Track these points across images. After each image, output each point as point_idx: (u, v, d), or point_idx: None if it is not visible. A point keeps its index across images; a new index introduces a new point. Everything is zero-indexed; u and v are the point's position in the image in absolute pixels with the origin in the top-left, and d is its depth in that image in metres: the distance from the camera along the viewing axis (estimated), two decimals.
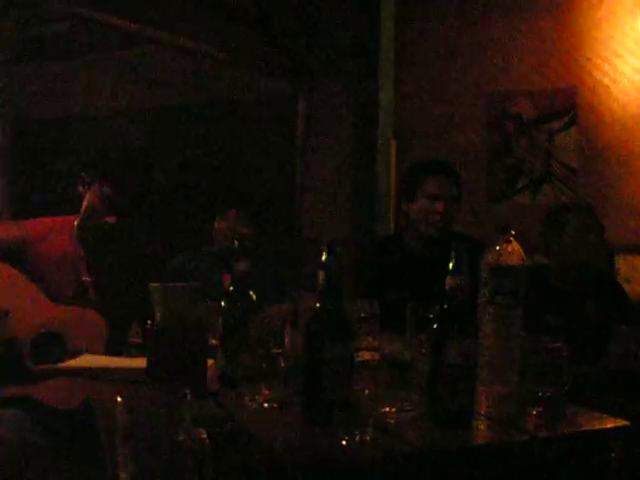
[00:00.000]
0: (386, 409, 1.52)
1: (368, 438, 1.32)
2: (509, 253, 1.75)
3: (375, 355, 1.85)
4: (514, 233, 1.78)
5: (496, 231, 1.78)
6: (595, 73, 4.65)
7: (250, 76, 5.68)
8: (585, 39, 4.69)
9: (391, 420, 1.48)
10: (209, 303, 1.95)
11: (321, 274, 1.45)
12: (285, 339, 1.75)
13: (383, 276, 2.81)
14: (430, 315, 1.58)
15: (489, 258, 1.76)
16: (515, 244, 1.77)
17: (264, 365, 1.59)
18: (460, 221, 2.98)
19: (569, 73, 4.73)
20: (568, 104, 4.70)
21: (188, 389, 1.10)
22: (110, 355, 2.12)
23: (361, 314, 1.93)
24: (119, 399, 1.07)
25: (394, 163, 4.73)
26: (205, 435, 1.03)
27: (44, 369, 1.99)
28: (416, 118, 5.18)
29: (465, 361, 1.46)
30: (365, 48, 4.75)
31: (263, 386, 1.58)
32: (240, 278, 1.80)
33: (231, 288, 1.79)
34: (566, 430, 1.52)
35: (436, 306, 1.53)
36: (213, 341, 1.83)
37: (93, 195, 2.33)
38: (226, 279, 2.79)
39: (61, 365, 1.96)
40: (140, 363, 1.71)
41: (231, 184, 5.67)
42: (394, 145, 4.91)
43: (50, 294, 2.23)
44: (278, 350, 1.68)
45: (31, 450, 1.91)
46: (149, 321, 1.66)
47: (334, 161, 5.42)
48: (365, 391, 1.56)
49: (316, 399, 1.43)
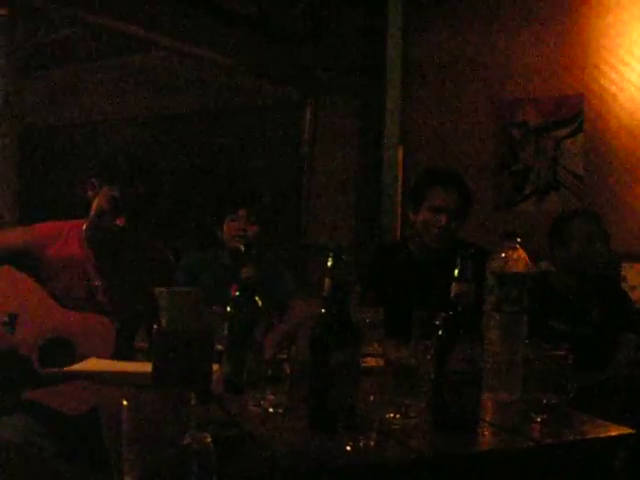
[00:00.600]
0: (391, 415, 1.52)
1: (373, 444, 1.33)
2: (515, 260, 1.76)
3: (380, 361, 1.85)
4: (519, 240, 1.78)
5: (501, 238, 1.78)
6: (602, 81, 4.65)
7: (257, 83, 5.70)
8: (592, 47, 4.70)
9: (396, 426, 1.49)
10: (215, 308, 1.96)
11: (327, 280, 1.46)
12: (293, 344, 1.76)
13: (388, 282, 2.81)
14: (436, 322, 1.58)
15: (495, 265, 1.76)
16: (521, 251, 1.78)
17: (269, 370, 1.59)
18: (467, 228, 2.98)
19: (576, 80, 4.74)
20: (575, 111, 4.70)
21: (193, 394, 1.11)
22: (118, 360, 2.12)
23: (366, 320, 1.94)
24: (124, 403, 1.08)
25: (400, 170, 4.74)
26: (210, 439, 1.03)
27: (51, 373, 2.00)
28: (422, 125, 5.19)
29: (470, 368, 1.46)
30: (372, 56, 4.75)
31: (268, 391, 1.58)
32: (246, 284, 1.81)
33: (237, 293, 1.80)
34: (570, 437, 1.52)
35: (441, 313, 1.53)
36: (218, 346, 1.83)
37: (102, 198, 2.34)
38: (234, 289, 2.80)
39: (67, 369, 1.97)
40: (146, 368, 1.72)
41: (239, 186, 5.68)
42: (400, 152, 4.91)
43: (59, 298, 2.24)
44: (283, 356, 1.68)
45: (37, 455, 1.91)
46: (155, 326, 1.67)
47: (340, 168, 5.43)
48: (370, 397, 1.56)
49: (321, 405, 1.44)
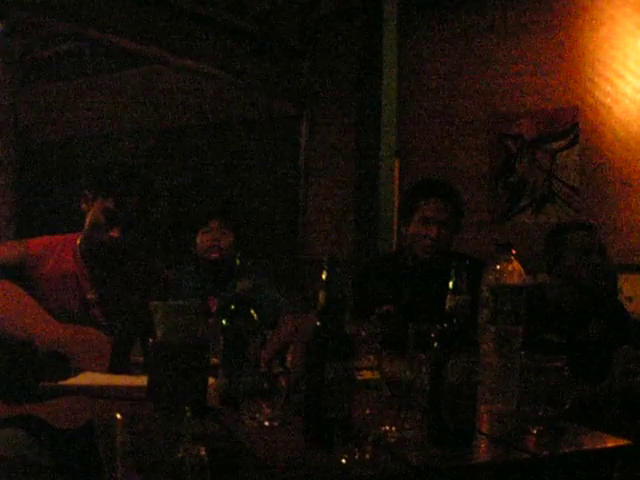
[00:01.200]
0: (386, 428, 1.52)
1: (368, 456, 1.32)
2: (510, 272, 1.76)
3: (376, 374, 1.85)
4: (514, 252, 1.78)
5: (496, 250, 1.79)
6: (597, 93, 4.68)
7: (253, 97, 5.73)
8: (587, 60, 4.73)
9: (391, 439, 1.48)
10: (211, 321, 1.95)
11: (321, 293, 1.46)
12: (287, 358, 1.75)
13: (381, 294, 2.81)
14: (431, 334, 1.58)
15: (490, 277, 1.76)
16: (515, 263, 1.78)
17: (265, 384, 1.59)
18: (462, 240, 2.98)
19: (571, 93, 4.76)
20: (570, 124, 4.72)
21: (188, 407, 1.11)
22: (114, 374, 2.12)
23: (362, 333, 1.93)
24: (118, 417, 1.08)
25: (397, 183, 4.75)
26: (204, 452, 1.03)
27: (46, 387, 1.99)
28: (419, 138, 5.21)
29: (465, 380, 1.46)
30: (368, 70, 4.77)
31: (264, 404, 1.58)
32: (241, 297, 1.80)
33: (232, 307, 1.80)
34: (567, 449, 1.51)
35: (436, 325, 1.53)
36: (214, 359, 1.83)
37: (96, 211, 2.34)
38: (212, 302, 2.80)
39: (63, 383, 1.96)
40: (142, 381, 1.71)
41: (210, 198, 5.69)
42: (397, 164, 4.92)
43: (54, 312, 2.23)
44: (279, 369, 1.68)
45: (32, 469, 1.91)
46: (150, 339, 1.67)
47: (337, 181, 5.44)
48: (366, 410, 1.56)
49: (317, 418, 1.43)
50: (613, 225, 4.45)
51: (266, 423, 1.57)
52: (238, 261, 1.86)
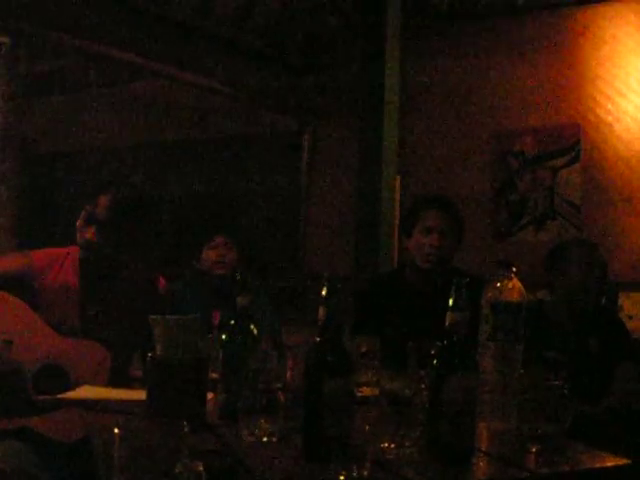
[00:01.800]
0: (385, 445, 1.51)
1: (366, 473, 1.32)
2: (510, 289, 1.76)
3: (375, 391, 1.84)
4: (514, 269, 1.78)
5: (496, 267, 1.79)
6: (598, 111, 4.69)
7: (255, 111, 5.74)
8: (588, 78, 4.74)
9: (390, 456, 1.48)
10: (210, 336, 1.95)
11: (321, 309, 1.46)
12: (286, 373, 1.75)
13: (383, 311, 2.81)
14: (430, 351, 1.57)
15: (489, 294, 1.77)
16: (515, 280, 1.78)
17: (264, 399, 1.58)
18: (464, 258, 2.99)
19: (573, 111, 4.77)
20: (572, 141, 4.73)
21: (186, 422, 1.11)
22: (113, 387, 2.12)
23: (361, 349, 1.93)
24: (116, 431, 1.08)
25: (398, 199, 4.75)
26: (202, 468, 1.03)
27: (44, 400, 1.99)
28: (420, 155, 5.22)
29: (465, 397, 1.46)
30: (370, 86, 4.79)
31: (262, 420, 1.57)
32: (241, 312, 1.81)
33: (232, 322, 1.80)
34: (566, 468, 1.51)
35: (436, 342, 1.53)
36: (213, 374, 1.83)
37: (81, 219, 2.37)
38: (216, 316, 2.80)
39: (61, 396, 1.96)
40: (141, 395, 1.71)
41: (214, 213, 5.70)
42: (398, 181, 4.93)
43: (54, 325, 2.23)
44: (278, 384, 1.68)
45: None
46: (149, 354, 1.67)
47: (338, 196, 5.45)
48: (365, 426, 1.55)
49: (315, 434, 1.43)
50: (614, 243, 4.45)
51: (264, 439, 1.57)
52: (239, 276, 1.86)
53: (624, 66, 4.63)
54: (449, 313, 1.50)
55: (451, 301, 1.50)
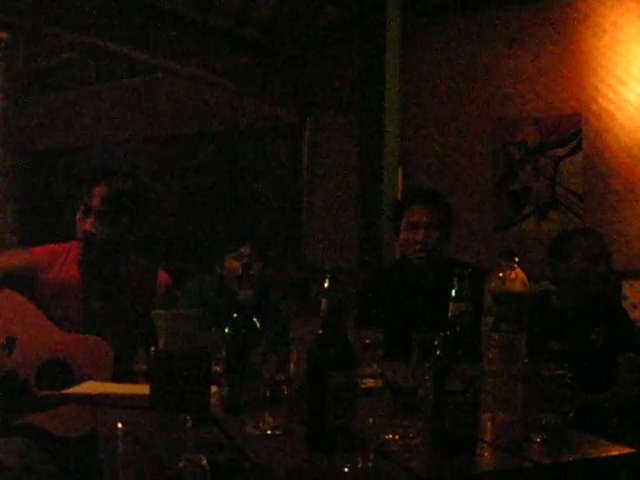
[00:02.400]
0: (389, 436, 1.52)
1: (371, 465, 1.32)
2: (512, 280, 1.76)
3: (378, 382, 1.84)
4: (517, 259, 1.78)
5: (499, 257, 1.78)
6: (600, 100, 4.67)
7: (256, 105, 5.73)
8: (590, 66, 4.72)
9: (394, 447, 1.48)
10: (214, 330, 1.95)
11: (323, 301, 1.45)
12: (290, 366, 1.75)
13: (385, 304, 2.82)
14: (434, 342, 1.57)
15: (492, 285, 1.76)
16: (518, 270, 1.77)
17: (267, 392, 1.58)
18: (466, 248, 2.98)
19: (574, 100, 4.76)
20: (573, 131, 4.72)
21: (189, 416, 1.11)
22: (117, 382, 2.12)
23: (365, 341, 1.93)
24: (120, 425, 1.07)
25: (400, 191, 4.75)
26: (205, 462, 1.03)
27: (47, 395, 1.99)
28: (422, 146, 5.21)
29: (469, 388, 1.45)
30: (371, 78, 4.78)
31: (266, 413, 1.57)
32: (244, 305, 1.80)
33: (235, 315, 1.80)
34: (571, 458, 1.50)
35: (440, 333, 1.52)
36: (217, 368, 1.83)
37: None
38: None
39: (64, 391, 1.96)
40: (144, 390, 1.71)
41: (241, 222, 5.67)
42: (400, 173, 4.92)
43: (57, 321, 2.23)
44: (282, 377, 1.68)
45: (34, 477, 1.91)
46: (153, 348, 1.67)
47: (340, 189, 5.44)
48: (369, 418, 1.55)
49: (319, 426, 1.43)
50: (617, 231, 4.44)
51: (269, 432, 1.57)
52: (241, 270, 1.86)
53: (625, 54, 4.61)
54: (452, 304, 1.50)
55: (453, 292, 1.50)
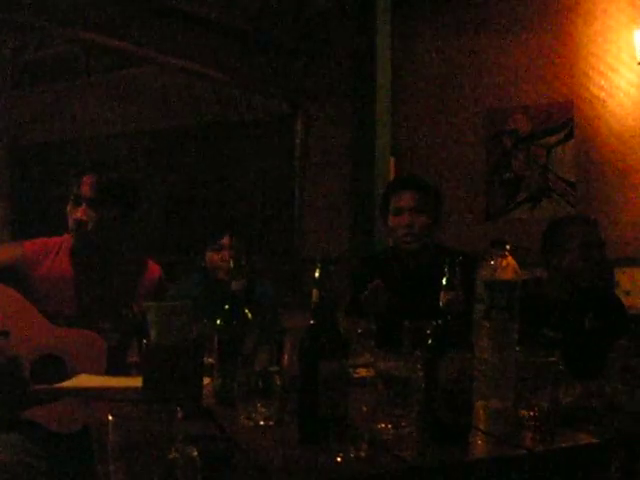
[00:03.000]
0: (382, 425, 1.52)
1: (363, 455, 1.32)
2: (503, 268, 1.76)
3: (371, 371, 1.84)
4: (508, 247, 1.78)
5: (490, 246, 1.78)
6: (591, 87, 4.67)
7: (248, 97, 5.72)
8: (581, 54, 4.72)
9: (387, 436, 1.48)
10: (206, 321, 1.95)
11: (315, 291, 1.45)
12: (283, 356, 1.75)
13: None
14: (425, 331, 1.57)
15: (484, 273, 1.76)
16: (510, 258, 1.77)
17: (260, 383, 1.58)
18: (459, 237, 2.99)
19: (565, 88, 4.76)
20: (565, 118, 4.72)
21: (180, 408, 1.10)
22: (111, 375, 2.11)
23: (357, 330, 1.93)
24: (111, 418, 1.07)
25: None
26: (196, 454, 1.03)
27: (42, 390, 1.98)
28: (414, 135, 5.21)
29: (461, 376, 1.46)
30: (362, 69, 4.77)
31: (259, 404, 1.57)
32: (235, 296, 1.80)
33: (226, 306, 1.79)
34: (563, 445, 1.51)
35: (431, 322, 1.53)
36: (209, 359, 1.82)
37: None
38: None
39: (58, 386, 1.96)
40: (137, 382, 1.71)
41: (221, 212, 5.66)
42: (392, 162, 4.92)
43: (50, 315, 2.23)
44: (274, 368, 1.68)
45: (29, 473, 1.90)
46: (145, 340, 1.66)
47: (332, 180, 5.44)
48: (361, 408, 1.56)
49: (311, 416, 1.43)
50: (610, 218, 4.45)
51: (261, 422, 1.57)
52: (232, 261, 1.85)
53: (616, 41, 4.61)
54: (443, 292, 1.50)
55: (445, 280, 1.50)
